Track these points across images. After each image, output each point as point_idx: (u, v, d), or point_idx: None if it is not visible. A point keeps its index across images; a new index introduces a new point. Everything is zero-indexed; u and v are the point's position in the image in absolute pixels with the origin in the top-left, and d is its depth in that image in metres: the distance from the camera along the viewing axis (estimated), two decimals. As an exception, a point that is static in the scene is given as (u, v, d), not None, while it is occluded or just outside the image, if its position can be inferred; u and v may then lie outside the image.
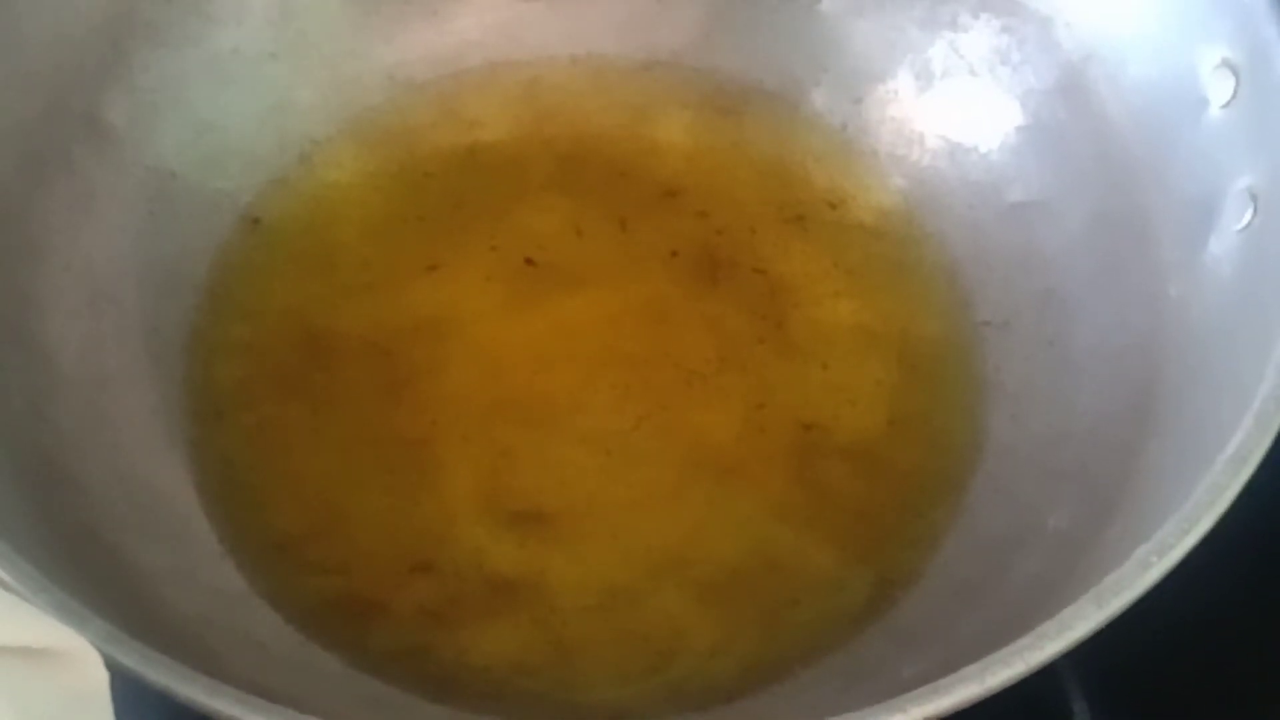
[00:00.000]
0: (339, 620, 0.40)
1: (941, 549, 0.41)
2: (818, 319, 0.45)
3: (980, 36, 0.48)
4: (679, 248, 0.47)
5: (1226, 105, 0.40)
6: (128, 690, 0.28)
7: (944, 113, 0.48)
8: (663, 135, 0.49)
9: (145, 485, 0.41)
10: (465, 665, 0.39)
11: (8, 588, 0.31)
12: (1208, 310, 0.39)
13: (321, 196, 0.48)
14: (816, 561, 0.41)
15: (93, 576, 0.35)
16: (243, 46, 0.48)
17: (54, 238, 0.43)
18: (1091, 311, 0.43)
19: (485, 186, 0.48)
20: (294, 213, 0.47)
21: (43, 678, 0.25)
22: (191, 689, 0.30)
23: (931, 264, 0.46)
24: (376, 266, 0.46)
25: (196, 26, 0.47)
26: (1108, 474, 0.39)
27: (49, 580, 0.31)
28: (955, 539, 0.41)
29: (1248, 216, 0.39)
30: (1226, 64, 0.40)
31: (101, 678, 0.27)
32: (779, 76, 0.50)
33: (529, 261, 0.46)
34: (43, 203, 0.43)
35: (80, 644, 0.26)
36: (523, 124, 0.50)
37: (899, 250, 0.47)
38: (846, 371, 0.44)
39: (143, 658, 0.30)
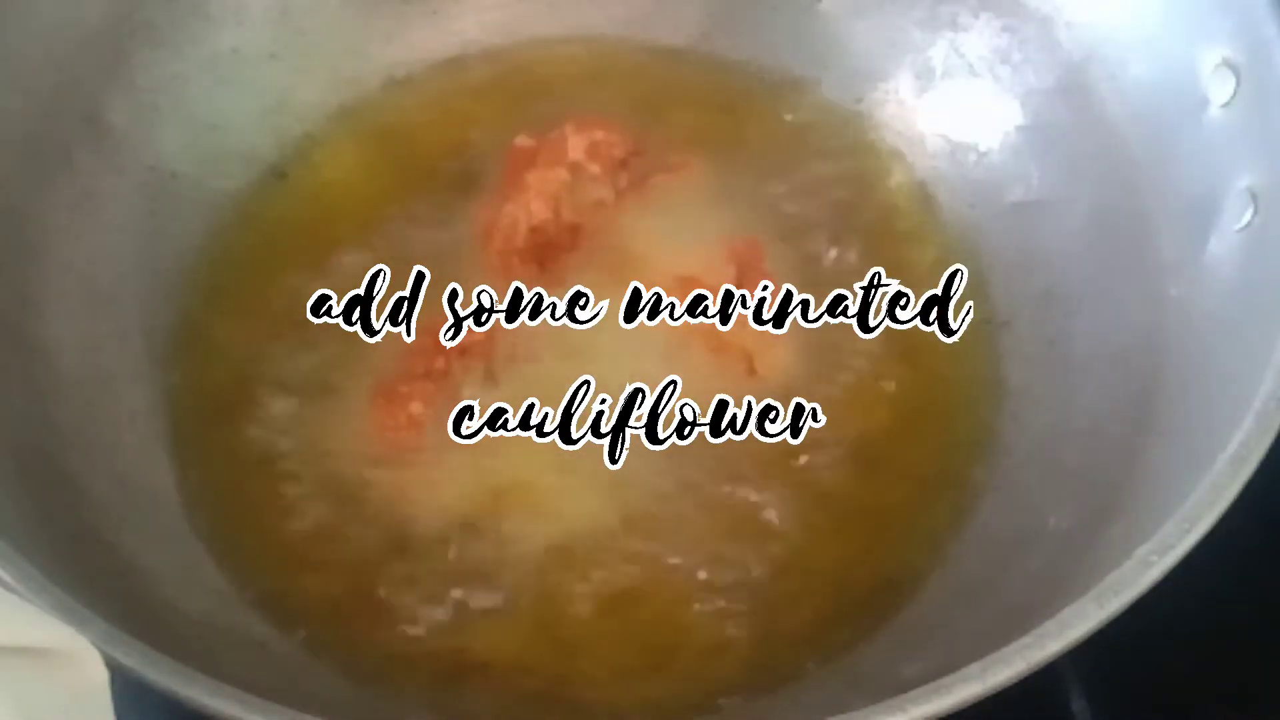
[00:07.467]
0: (338, 620, 0.40)
1: (943, 548, 0.41)
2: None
3: (981, 36, 0.48)
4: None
5: (1227, 105, 0.40)
6: (128, 690, 0.28)
7: (944, 112, 0.48)
8: (663, 133, 0.49)
9: (144, 485, 0.41)
10: (465, 665, 0.39)
11: (8, 588, 0.31)
12: (1208, 310, 0.39)
13: (321, 195, 0.48)
14: (817, 561, 0.41)
15: (93, 576, 0.35)
16: (243, 46, 0.48)
17: (54, 238, 0.43)
18: (1091, 311, 0.43)
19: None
20: (293, 211, 0.47)
21: (43, 678, 0.25)
22: (192, 689, 0.30)
23: (932, 263, 0.46)
24: (376, 264, 0.46)
25: (196, 27, 0.47)
26: (1109, 473, 0.39)
27: (49, 580, 0.31)
28: (956, 538, 0.41)
29: (1248, 216, 0.39)
30: (1227, 64, 0.40)
31: (101, 678, 0.27)
32: (779, 75, 0.50)
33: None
34: (43, 203, 0.43)
35: (80, 644, 0.27)
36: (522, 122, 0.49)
37: (900, 249, 0.47)
38: (849, 372, 0.44)
39: (143, 658, 0.30)
